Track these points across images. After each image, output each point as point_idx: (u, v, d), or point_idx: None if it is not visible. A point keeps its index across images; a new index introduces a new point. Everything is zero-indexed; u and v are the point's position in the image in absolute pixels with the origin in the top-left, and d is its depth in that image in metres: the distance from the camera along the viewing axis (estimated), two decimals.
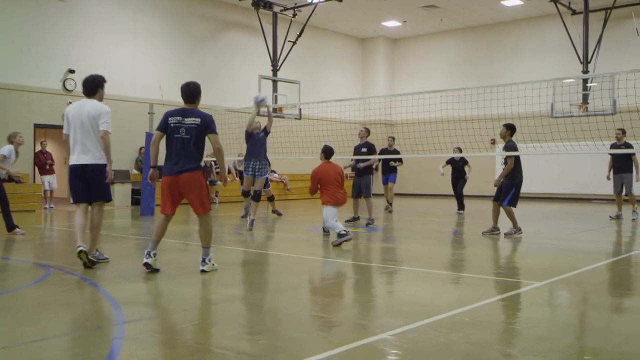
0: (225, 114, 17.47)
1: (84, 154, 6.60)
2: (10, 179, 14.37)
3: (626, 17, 19.78)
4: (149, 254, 6.29)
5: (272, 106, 14.41)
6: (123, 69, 18.33)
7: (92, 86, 6.71)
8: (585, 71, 19.40)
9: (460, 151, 14.66)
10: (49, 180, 16.45)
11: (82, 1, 17.64)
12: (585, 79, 18.61)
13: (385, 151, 14.99)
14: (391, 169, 15.35)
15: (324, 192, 9.05)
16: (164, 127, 6.38)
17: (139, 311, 4.76)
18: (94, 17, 17.84)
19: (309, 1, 20.61)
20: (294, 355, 3.66)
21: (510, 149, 9.83)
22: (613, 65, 18.80)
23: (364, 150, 12.24)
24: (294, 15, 21.17)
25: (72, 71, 17.08)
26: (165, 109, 6.65)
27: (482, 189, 19.32)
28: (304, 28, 21.35)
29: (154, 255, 6.30)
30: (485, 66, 23.65)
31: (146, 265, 6.26)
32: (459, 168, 14.93)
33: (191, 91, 6.48)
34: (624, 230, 11.66)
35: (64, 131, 6.73)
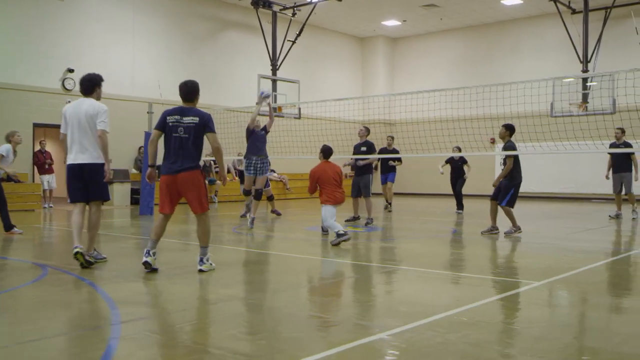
0: (224, 114, 17.48)
1: (81, 153, 6.57)
2: (9, 178, 14.39)
3: (626, 16, 19.76)
4: (148, 252, 6.27)
5: (272, 105, 14.37)
6: (122, 68, 18.32)
7: (90, 85, 6.69)
8: (585, 70, 19.37)
9: (459, 150, 14.64)
10: (48, 180, 16.44)
11: (82, 0, 17.62)
12: (585, 78, 18.59)
13: (384, 150, 14.97)
14: (390, 168, 15.33)
15: (322, 191, 9.06)
16: (162, 126, 6.36)
17: (137, 311, 4.75)
18: (93, 16, 17.82)
19: (309, 0, 20.58)
20: (292, 355, 3.65)
21: (509, 149, 9.81)
22: (613, 64, 18.77)
23: (363, 149, 12.23)
24: (294, 14, 21.15)
25: (71, 70, 17.08)
26: (164, 109, 6.63)
27: (481, 188, 19.30)
28: (303, 27, 21.34)
29: (153, 254, 6.29)
30: (485, 65, 23.63)
31: (146, 264, 6.24)
32: (458, 167, 14.91)
33: (189, 90, 6.45)
34: (624, 229, 11.64)
35: (61, 130, 6.71)
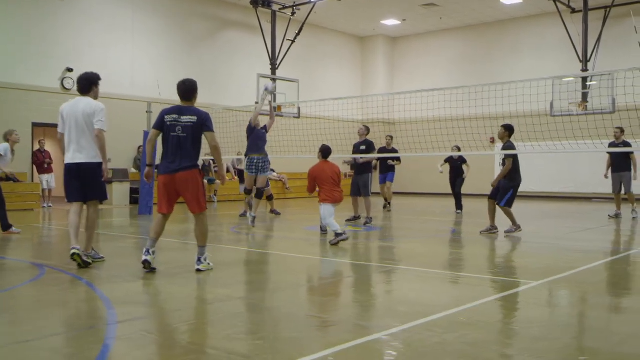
0: (224, 113, 17.44)
1: (78, 152, 6.54)
2: (8, 178, 14.36)
3: (625, 16, 19.73)
4: (147, 251, 6.22)
5: (272, 105, 14.34)
6: (122, 67, 18.31)
7: (87, 84, 6.66)
8: (585, 70, 19.34)
9: (458, 150, 14.61)
10: (47, 179, 16.42)
11: (82, 0, 17.60)
12: (584, 77, 18.56)
13: (383, 150, 14.94)
14: (389, 168, 15.30)
15: (321, 190, 9.08)
16: (160, 125, 6.33)
17: (133, 311, 4.72)
18: (93, 16, 17.81)
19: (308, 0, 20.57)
20: (288, 356, 3.62)
21: (508, 150, 9.80)
22: (612, 63, 18.75)
23: (362, 148, 12.21)
24: (293, 13, 21.12)
25: (70, 70, 17.06)
26: (163, 108, 6.60)
27: (481, 188, 19.24)
28: (302, 26, 21.32)
29: (152, 252, 6.24)
30: (484, 65, 23.60)
31: (145, 263, 6.18)
32: (457, 167, 14.87)
33: (187, 88, 6.41)
34: (623, 229, 11.62)
35: (58, 130, 6.68)
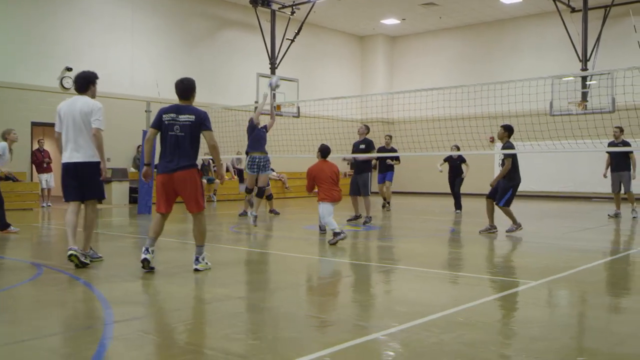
0: (223, 112, 17.43)
1: (76, 151, 6.51)
2: (7, 177, 14.35)
3: (625, 15, 19.69)
4: (147, 250, 6.18)
5: (269, 103, 14.32)
6: (121, 67, 18.29)
7: (84, 83, 6.64)
8: (584, 69, 19.32)
9: (458, 149, 14.60)
10: (46, 179, 16.40)
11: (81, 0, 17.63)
12: (583, 76, 18.54)
13: (382, 149, 14.92)
14: (388, 167, 15.28)
15: (319, 189, 9.12)
16: (158, 124, 6.31)
17: (131, 311, 4.71)
18: (92, 15, 17.79)
19: None
20: (284, 356, 3.61)
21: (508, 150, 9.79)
22: (612, 63, 18.72)
23: (362, 146, 12.19)
24: (292, 13, 21.10)
25: (69, 69, 17.03)
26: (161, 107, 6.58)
27: (480, 187, 19.24)
28: (302, 26, 21.29)
29: (151, 251, 6.19)
30: (484, 64, 23.58)
31: (144, 261, 6.13)
32: (456, 166, 14.85)
33: (185, 87, 6.39)
34: (623, 228, 11.61)
35: (55, 129, 6.66)
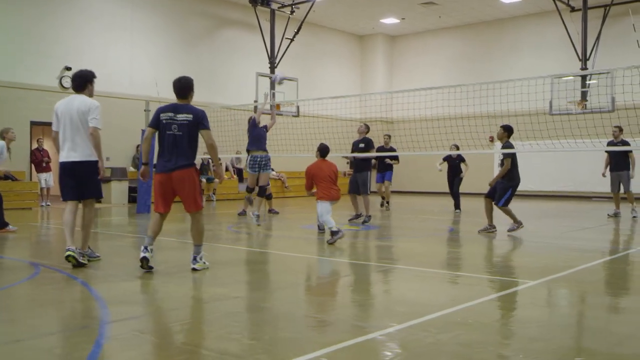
0: (222, 112, 17.40)
1: (73, 150, 6.47)
2: (6, 176, 14.33)
3: (625, 14, 19.67)
4: (145, 248, 6.12)
5: (270, 103, 14.33)
6: (121, 66, 18.28)
7: (81, 81, 6.62)
8: (584, 68, 19.29)
9: (457, 148, 14.57)
10: (45, 178, 16.38)
11: None
12: (583, 76, 18.51)
13: (381, 149, 14.89)
14: (387, 167, 15.25)
15: (318, 188, 9.18)
16: (155, 123, 6.28)
17: (128, 310, 4.68)
18: (92, 14, 17.78)
19: None
20: (279, 356, 3.59)
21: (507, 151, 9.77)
22: (612, 62, 18.69)
23: (361, 145, 12.18)
24: (292, 12, 21.08)
25: (68, 68, 17.01)
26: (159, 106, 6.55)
27: (479, 186, 19.22)
28: (301, 25, 21.27)
29: (150, 250, 6.15)
30: (483, 63, 23.56)
31: (143, 260, 6.08)
32: (455, 165, 14.83)
33: (183, 86, 6.35)
34: (622, 228, 11.59)
35: (53, 128, 6.63)
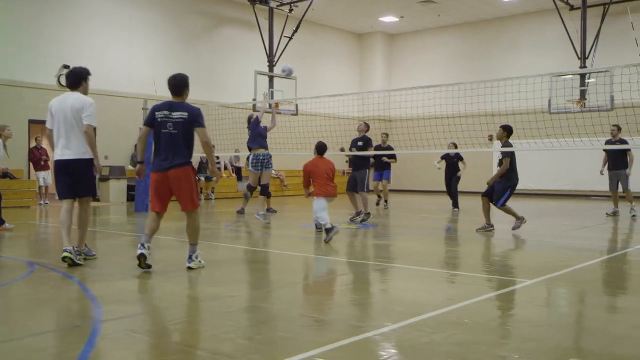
0: (221, 110, 17.36)
1: (67, 149, 6.44)
2: (5, 175, 14.31)
3: (624, 13, 19.64)
4: (143, 245, 6.07)
5: (269, 102, 14.30)
6: (119, 65, 18.25)
7: (76, 79, 6.58)
8: (583, 67, 19.25)
9: (455, 147, 14.54)
10: (44, 177, 16.35)
11: None
12: (582, 74, 18.47)
13: (378, 148, 14.87)
14: (385, 166, 15.23)
15: (315, 184, 9.22)
16: (151, 122, 6.25)
17: (122, 310, 4.65)
18: (91, 13, 17.76)
19: None
20: (272, 356, 3.56)
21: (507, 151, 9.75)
22: (611, 61, 18.63)
23: (360, 144, 12.21)
24: (291, 10, 21.05)
25: (67, 67, 16.94)
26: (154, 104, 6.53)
27: (478, 185, 19.19)
28: (300, 24, 21.23)
29: (148, 247, 6.09)
30: (482, 62, 23.52)
31: (141, 257, 6.03)
32: (453, 164, 14.81)
33: (178, 83, 6.30)
34: (621, 227, 11.56)
35: (47, 126, 6.61)
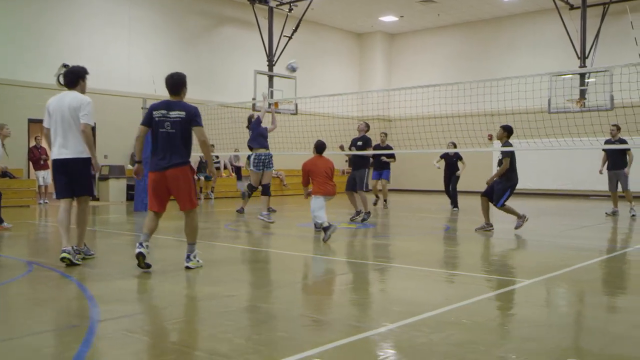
0: (220, 109, 17.35)
1: (64, 148, 6.42)
2: (5, 174, 14.30)
3: (624, 12, 19.60)
4: (141, 244, 6.05)
5: (269, 101, 14.28)
6: (119, 64, 18.22)
7: (73, 78, 6.58)
8: (583, 66, 19.23)
9: (454, 146, 14.53)
10: (43, 176, 16.33)
11: None
12: (582, 74, 18.45)
13: (377, 147, 14.85)
14: (384, 165, 15.22)
15: (313, 183, 9.24)
16: (148, 121, 6.23)
17: (119, 309, 4.64)
18: (90, 12, 17.74)
19: None
20: (269, 356, 3.55)
21: (506, 151, 9.74)
22: (611, 60, 18.64)
23: (359, 143, 12.24)
24: (290, 10, 21.03)
25: (66, 66, 16.77)
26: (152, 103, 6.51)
27: (477, 185, 19.18)
28: (300, 23, 21.20)
29: (146, 246, 6.07)
30: (482, 62, 23.50)
31: (139, 255, 6.01)
32: (452, 163, 14.79)
33: (175, 82, 6.28)
34: (620, 227, 11.55)
35: (44, 124, 6.60)
